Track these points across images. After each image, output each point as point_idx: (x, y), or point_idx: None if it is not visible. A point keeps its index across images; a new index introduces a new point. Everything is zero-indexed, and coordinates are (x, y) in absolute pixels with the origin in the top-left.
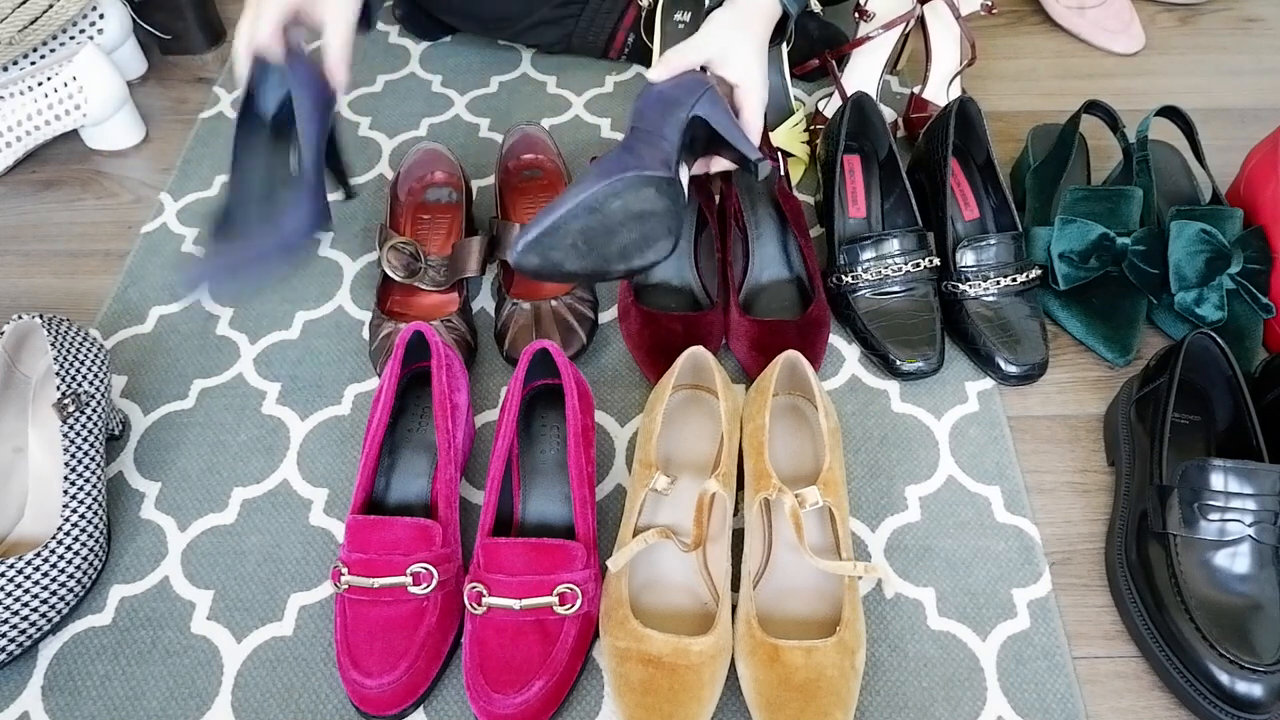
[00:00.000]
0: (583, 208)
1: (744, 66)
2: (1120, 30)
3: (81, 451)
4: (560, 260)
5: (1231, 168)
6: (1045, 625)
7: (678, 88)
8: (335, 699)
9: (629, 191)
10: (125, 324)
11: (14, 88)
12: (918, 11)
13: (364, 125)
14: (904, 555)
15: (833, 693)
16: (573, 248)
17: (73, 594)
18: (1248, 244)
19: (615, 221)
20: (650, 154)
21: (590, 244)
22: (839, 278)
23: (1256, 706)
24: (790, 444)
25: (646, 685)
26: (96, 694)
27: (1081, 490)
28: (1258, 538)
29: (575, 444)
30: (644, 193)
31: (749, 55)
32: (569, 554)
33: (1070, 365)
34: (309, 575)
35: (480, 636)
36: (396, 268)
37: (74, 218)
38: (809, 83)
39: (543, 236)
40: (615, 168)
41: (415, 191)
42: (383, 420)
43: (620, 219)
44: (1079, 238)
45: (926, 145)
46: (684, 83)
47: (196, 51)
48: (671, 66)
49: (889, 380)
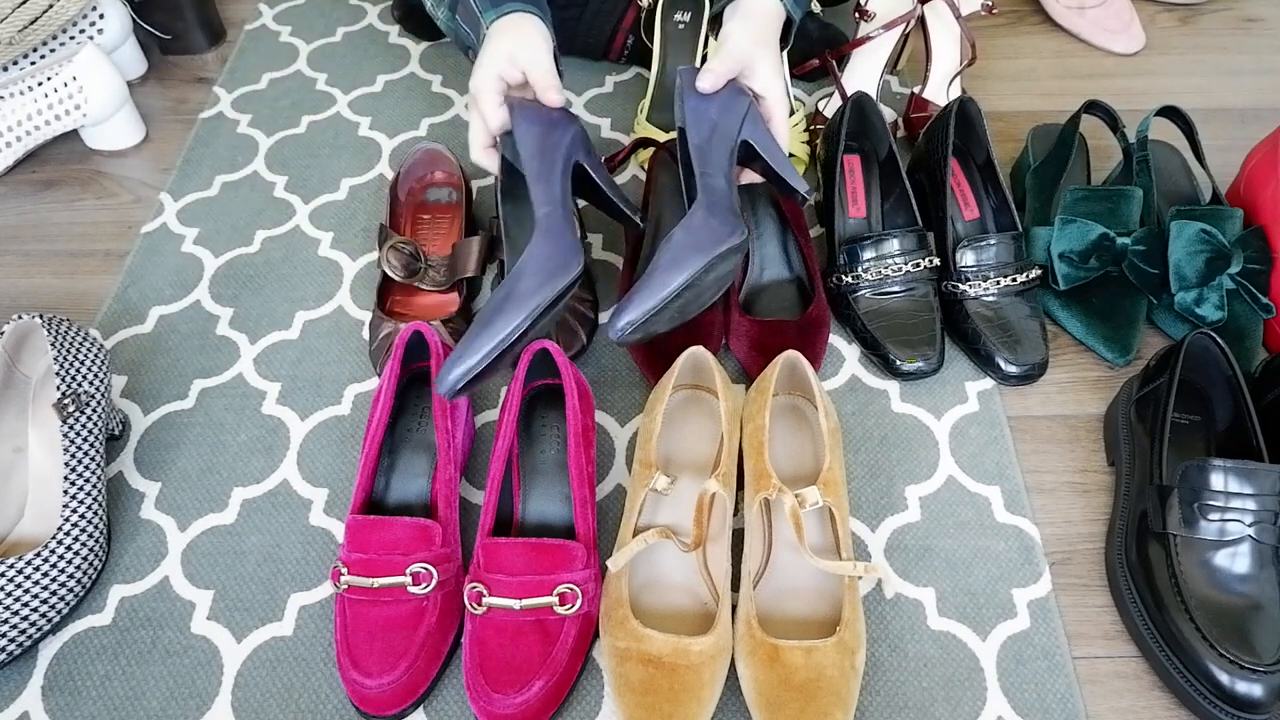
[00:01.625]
0: (684, 286)
1: (768, 77)
2: (1120, 30)
3: (81, 451)
4: (656, 330)
5: (1231, 168)
6: (1045, 625)
7: (723, 107)
8: (335, 699)
9: (721, 262)
10: (125, 324)
11: (14, 88)
12: (918, 11)
13: (364, 125)
14: (904, 555)
15: (833, 693)
16: (669, 319)
17: (73, 594)
18: (1248, 244)
19: (707, 286)
20: (727, 210)
21: (684, 310)
22: (839, 278)
23: (1256, 706)
24: (790, 444)
25: (646, 685)
26: (96, 694)
27: (1081, 490)
28: (1258, 538)
29: (575, 444)
30: (731, 260)
31: (771, 66)
32: (569, 554)
33: (1070, 365)
34: (309, 575)
35: (480, 636)
36: (396, 268)
37: (74, 218)
38: (809, 83)
39: (649, 316)
40: (709, 242)
41: (415, 191)
42: (382, 420)
43: (711, 282)
44: (1079, 238)
45: (926, 145)
46: (726, 98)
47: (196, 51)
48: (718, 76)
49: (889, 380)
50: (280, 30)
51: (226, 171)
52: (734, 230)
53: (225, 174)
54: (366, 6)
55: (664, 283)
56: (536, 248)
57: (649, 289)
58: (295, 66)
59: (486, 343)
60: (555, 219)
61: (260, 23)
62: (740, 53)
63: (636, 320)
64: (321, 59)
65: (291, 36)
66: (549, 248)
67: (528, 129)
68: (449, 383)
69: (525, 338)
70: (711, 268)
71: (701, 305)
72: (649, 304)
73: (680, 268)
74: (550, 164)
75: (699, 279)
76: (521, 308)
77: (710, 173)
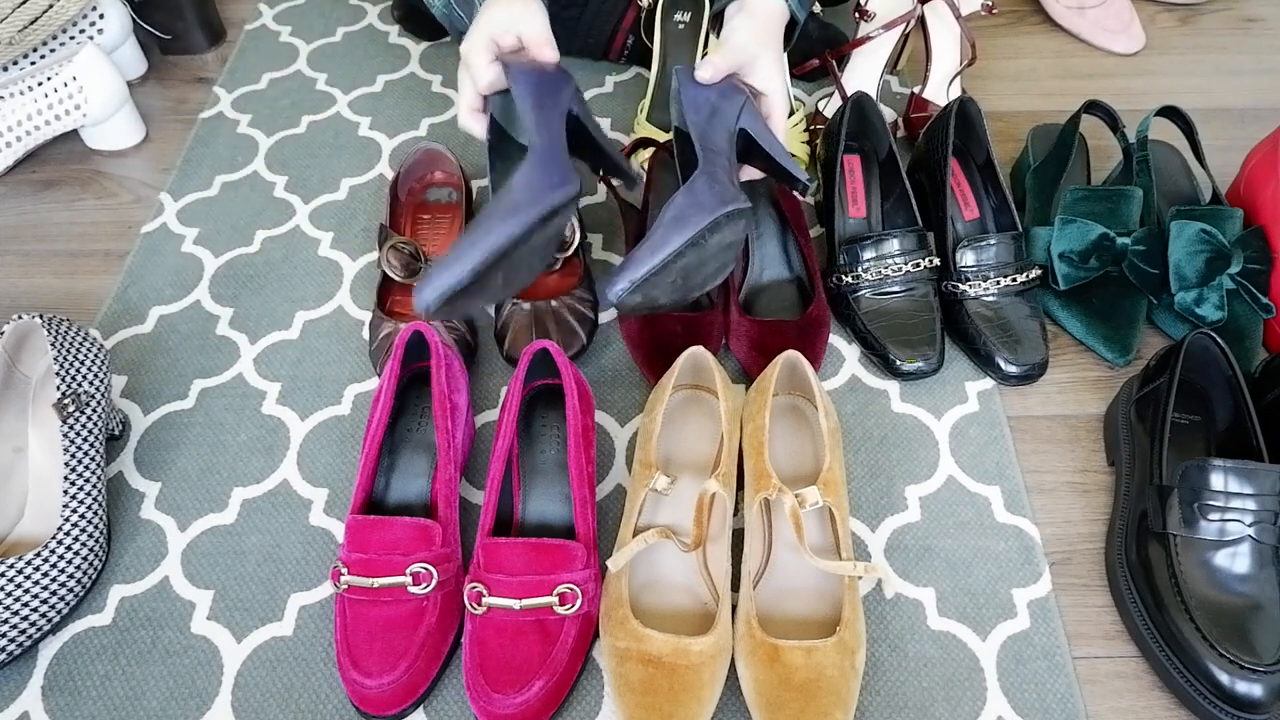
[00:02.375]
0: (688, 245)
1: (769, 75)
2: (1120, 30)
3: (81, 451)
4: (657, 296)
5: (1231, 168)
6: (1045, 625)
7: (721, 96)
8: (335, 699)
9: (727, 225)
10: (125, 324)
11: (14, 88)
12: (918, 11)
13: (364, 125)
14: (904, 555)
15: (833, 693)
16: (671, 284)
17: (73, 594)
18: (1248, 244)
19: (710, 254)
20: (730, 180)
21: (687, 278)
22: (839, 278)
23: (1256, 706)
24: (790, 444)
25: (646, 685)
26: (96, 694)
27: (1081, 490)
28: (1258, 538)
29: (575, 444)
30: (737, 225)
31: (773, 64)
32: (569, 554)
33: (1070, 365)
34: (309, 575)
35: (480, 636)
36: (396, 268)
37: (74, 218)
38: (809, 83)
39: (651, 276)
40: (712, 202)
41: (415, 191)
42: (382, 420)
43: (714, 251)
44: (1079, 238)
45: (926, 145)
46: (724, 89)
47: (196, 51)
48: (718, 69)
49: (889, 380)
50: (280, 30)
51: (226, 171)
52: (738, 196)
53: (225, 174)
54: (366, 6)
55: (666, 240)
56: (527, 171)
57: (650, 248)
58: (295, 66)
59: (467, 257)
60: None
61: (260, 23)
62: (742, 49)
63: (637, 279)
64: (321, 59)
65: (291, 36)
66: (540, 169)
67: (524, 80)
68: (426, 298)
69: (510, 260)
70: (716, 228)
71: (704, 280)
72: (651, 262)
73: (684, 226)
74: (547, 111)
75: (702, 240)
76: (508, 223)
77: (711, 147)
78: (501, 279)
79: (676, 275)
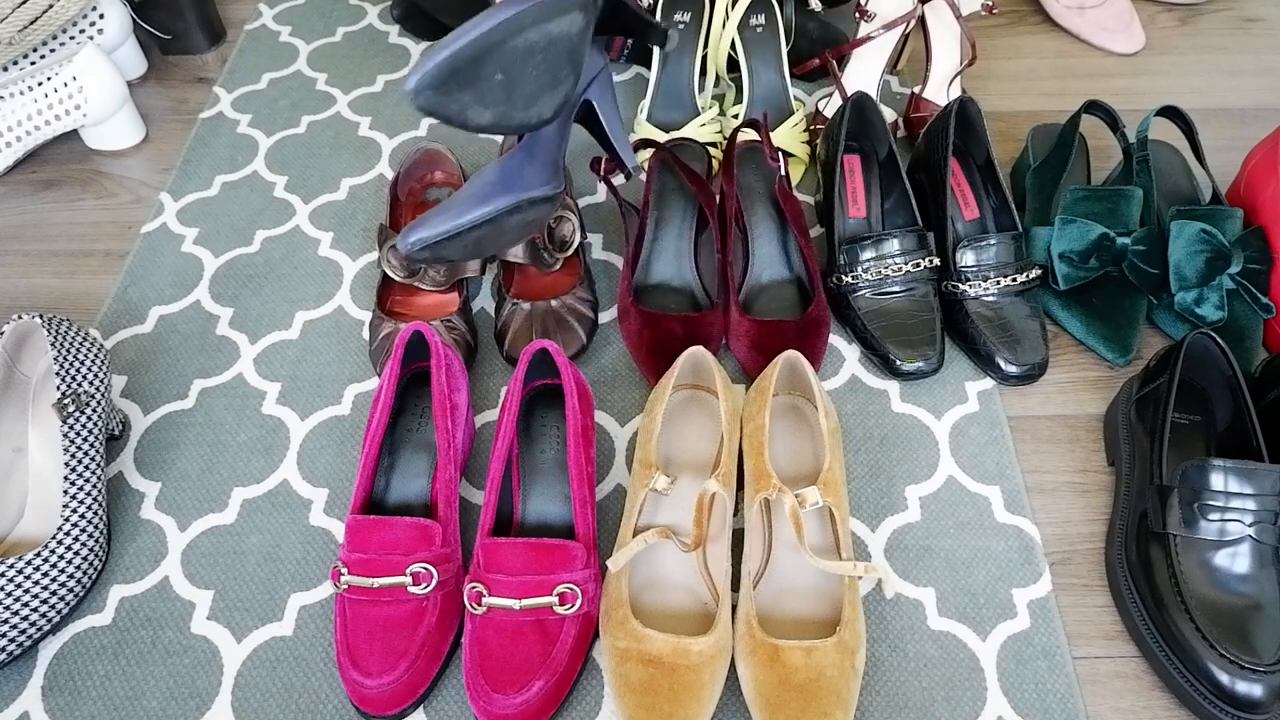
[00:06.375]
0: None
1: None
2: (1120, 30)
3: (81, 451)
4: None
5: (1231, 168)
6: (1045, 625)
7: None
8: (335, 699)
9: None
10: (125, 324)
11: (14, 88)
12: (918, 11)
13: (364, 125)
14: (904, 555)
15: (833, 693)
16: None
17: (73, 594)
18: (1248, 244)
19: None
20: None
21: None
22: (839, 278)
23: (1256, 706)
24: (790, 444)
25: (646, 685)
26: (96, 694)
27: (1081, 490)
28: (1258, 538)
29: (575, 444)
30: (541, 208)
31: None
32: (569, 554)
33: (1070, 365)
34: (309, 575)
35: (480, 636)
36: (396, 268)
37: (74, 218)
38: (809, 83)
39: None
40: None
41: (415, 191)
42: (382, 420)
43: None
44: (1079, 238)
45: (926, 145)
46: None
47: (196, 51)
48: None
49: (889, 380)
50: (280, 30)
51: (226, 171)
52: (548, 180)
53: (225, 174)
54: (366, 6)
55: (462, 213)
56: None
57: (446, 214)
58: (295, 66)
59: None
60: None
61: (260, 23)
62: None
63: (427, 239)
64: (321, 59)
65: (291, 36)
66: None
67: None
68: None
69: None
70: (517, 210)
71: (501, 246)
72: (442, 228)
73: (483, 203)
74: None
75: (501, 218)
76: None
77: None
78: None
79: (469, 243)
